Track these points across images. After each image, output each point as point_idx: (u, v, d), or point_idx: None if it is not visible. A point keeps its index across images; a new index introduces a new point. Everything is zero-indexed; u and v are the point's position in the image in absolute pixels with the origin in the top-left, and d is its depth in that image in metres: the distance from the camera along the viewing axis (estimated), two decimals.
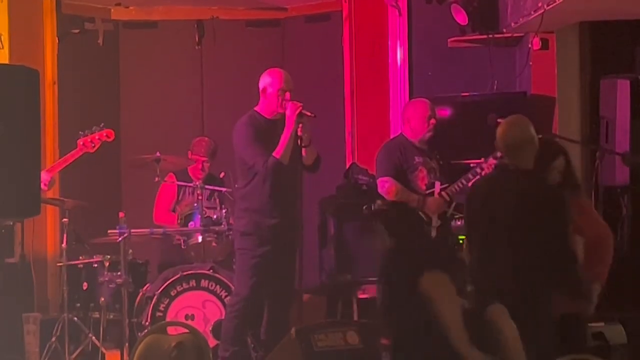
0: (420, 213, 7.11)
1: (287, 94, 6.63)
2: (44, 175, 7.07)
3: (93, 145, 7.27)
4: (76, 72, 8.98)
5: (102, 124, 7.33)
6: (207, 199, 7.87)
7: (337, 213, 8.31)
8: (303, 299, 8.50)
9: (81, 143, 7.26)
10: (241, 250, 6.81)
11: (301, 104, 6.57)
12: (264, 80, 6.74)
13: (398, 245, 5.05)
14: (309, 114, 6.59)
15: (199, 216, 7.62)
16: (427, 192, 7.17)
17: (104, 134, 7.31)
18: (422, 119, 7.27)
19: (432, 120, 7.28)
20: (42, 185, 6.94)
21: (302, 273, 6.87)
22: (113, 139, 7.40)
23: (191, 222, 7.71)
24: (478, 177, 7.02)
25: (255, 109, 6.79)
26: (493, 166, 6.97)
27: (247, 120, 6.73)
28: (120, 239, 7.22)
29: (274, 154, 6.55)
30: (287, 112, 6.58)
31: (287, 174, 6.63)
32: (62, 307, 7.49)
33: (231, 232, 7.43)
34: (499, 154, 6.93)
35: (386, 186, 7.17)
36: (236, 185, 7.05)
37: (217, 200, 7.95)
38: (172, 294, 7.43)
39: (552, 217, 5.17)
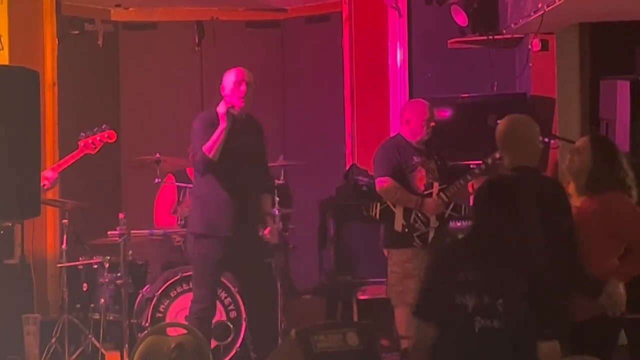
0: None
1: (242, 87, 6.59)
2: (50, 174, 7.08)
3: (94, 146, 7.26)
4: (76, 73, 8.98)
5: (104, 125, 7.32)
6: None
7: (337, 214, 8.31)
8: (303, 299, 8.55)
9: (82, 144, 7.25)
10: (198, 256, 6.67)
11: (231, 104, 6.53)
12: (225, 79, 6.74)
13: None
14: (234, 112, 6.53)
15: None
16: (426, 192, 7.16)
17: (106, 135, 7.29)
18: (421, 122, 7.25)
19: (432, 124, 7.26)
20: (48, 183, 6.97)
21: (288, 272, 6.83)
22: (115, 140, 7.40)
23: None
24: (476, 178, 7.01)
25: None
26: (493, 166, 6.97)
27: (204, 114, 6.75)
28: (120, 240, 7.21)
29: (202, 148, 6.53)
30: (218, 109, 6.57)
31: (237, 175, 6.59)
32: (62, 308, 7.49)
33: None
34: (497, 155, 6.95)
35: (384, 186, 7.16)
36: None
37: None
38: (172, 295, 7.43)
39: (554, 210, 5.12)
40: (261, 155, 6.83)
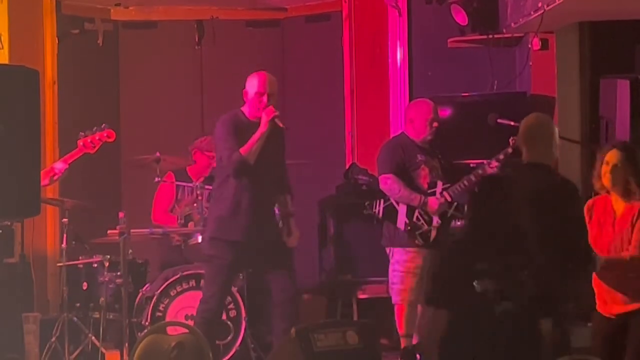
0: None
1: (264, 98, 6.61)
2: (60, 165, 7.10)
3: (93, 145, 7.25)
4: (76, 72, 8.98)
5: (104, 124, 7.32)
6: (207, 200, 7.86)
7: (337, 213, 8.32)
8: (303, 299, 8.54)
9: (81, 143, 7.24)
10: (210, 257, 6.67)
11: (277, 112, 6.55)
12: (248, 83, 6.74)
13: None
14: (280, 124, 6.57)
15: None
16: (429, 191, 7.17)
17: (105, 135, 7.28)
18: (424, 122, 7.25)
19: (435, 124, 7.26)
20: (58, 173, 7.00)
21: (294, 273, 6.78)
22: (114, 140, 7.39)
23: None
24: (480, 178, 7.02)
25: (241, 108, 6.79)
26: (497, 167, 6.97)
27: (227, 117, 6.73)
28: (120, 239, 7.21)
29: (240, 150, 6.52)
30: (263, 115, 6.57)
31: (260, 178, 6.59)
32: (62, 307, 7.49)
33: None
34: (501, 156, 6.97)
35: (388, 183, 7.17)
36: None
37: None
38: (172, 294, 7.43)
39: (566, 207, 5.19)
40: (282, 158, 6.85)
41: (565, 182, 5.36)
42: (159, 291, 7.42)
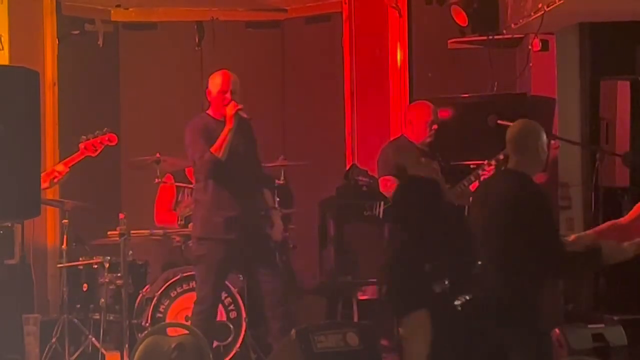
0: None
1: (227, 95, 6.62)
2: (61, 167, 7.12)
3: (95, 149, 7.29)
4: (76, 74, 8.98)
5: (105, 128, 7.33)
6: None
7: (337, 214, 8.31)
8: (303, 299, 8.55)
9: (83, 147, 7.26)
10: (200, 258, 6.69)
11: (240, 105, 6.57)
12: (211, 82, 6.76)
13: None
14: (245, 115, 6.60)
15: None
16: None
17: (107, 138, 7.31)
18: (424, 124, 7.27)
19: (435, 126, 7.26)
20: (58, 176, 7.03)
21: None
22: (116, 144, 7.40)
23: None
24: (480, 179, 7.02)
25: (206, 111, 6.80)
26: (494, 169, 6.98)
27: (194, 121, 6.76)
28: (120, 240, 7.21)
29: (211, 149, 6.54)
30: (227, 111, 6.60)
31: (235, 174, 6.60)
32: (62, 308, 7.50)
33: None
34: (501, 157, 6.97)
35: (388, 185, 7.18)
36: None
37: None
38: (172, 295, 7.43)
39: (541, 217, 5.18)
40: (254, 152, 6.86)
41: (536, 192, 5.32)
42: (159, 292, 7.41)
